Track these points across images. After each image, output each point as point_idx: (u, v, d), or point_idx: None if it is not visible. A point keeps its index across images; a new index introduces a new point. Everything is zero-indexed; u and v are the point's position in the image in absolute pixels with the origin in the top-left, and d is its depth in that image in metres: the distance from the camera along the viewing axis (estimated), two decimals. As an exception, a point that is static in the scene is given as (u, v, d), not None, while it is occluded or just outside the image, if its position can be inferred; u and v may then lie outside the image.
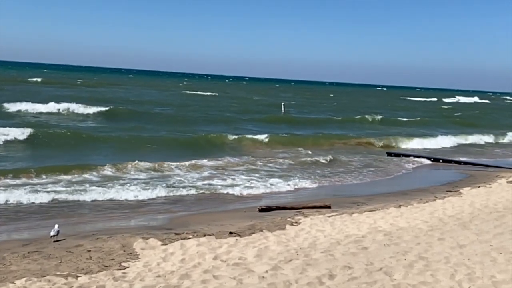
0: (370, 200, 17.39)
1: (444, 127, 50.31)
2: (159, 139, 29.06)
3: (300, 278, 8.42)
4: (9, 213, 13.90)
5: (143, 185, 17.46)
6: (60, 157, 21.87)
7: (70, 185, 16.90)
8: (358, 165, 25.74)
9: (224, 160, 23.49)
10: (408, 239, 11.31)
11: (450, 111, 79.98)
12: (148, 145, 26.94)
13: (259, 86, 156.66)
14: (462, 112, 78.41)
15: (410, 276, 8.57)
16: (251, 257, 9.90)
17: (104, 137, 28.17)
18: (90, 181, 17.78)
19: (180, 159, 22.20)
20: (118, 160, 21.18)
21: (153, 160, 21.48)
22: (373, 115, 53.99)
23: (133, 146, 26.25)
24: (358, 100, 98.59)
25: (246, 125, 40.41)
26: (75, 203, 15.26)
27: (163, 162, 21.23)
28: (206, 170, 21.19)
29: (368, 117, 52.70)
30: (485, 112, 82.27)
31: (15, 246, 11.07)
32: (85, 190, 16.34)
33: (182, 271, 9.10)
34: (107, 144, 26.43)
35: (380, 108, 74.20)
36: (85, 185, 17.09)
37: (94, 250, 10.70)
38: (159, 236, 11.83)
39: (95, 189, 16.50)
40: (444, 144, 37.45)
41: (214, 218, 14.29)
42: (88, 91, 68.72)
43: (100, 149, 24.96)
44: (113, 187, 16.93)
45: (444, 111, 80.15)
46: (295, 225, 13.14)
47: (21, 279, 8.62)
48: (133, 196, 16.30)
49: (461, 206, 15.68)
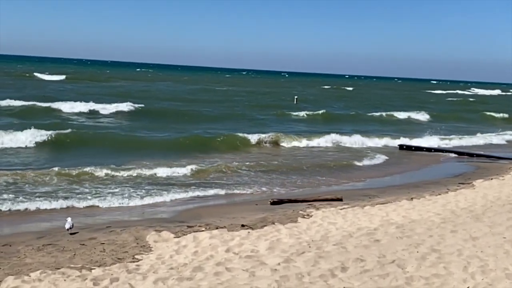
0: (382, 192, 17.34)
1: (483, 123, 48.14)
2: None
3: (312, 271, 8.44)
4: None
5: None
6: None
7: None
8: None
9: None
10: (421, 231, 11.28)
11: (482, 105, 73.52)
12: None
13: (284, 79, 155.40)
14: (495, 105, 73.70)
15: (423, 268, 8.56)
16: (263, 250, 9.93)
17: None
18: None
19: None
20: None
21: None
22: (423, 112, 52.28)
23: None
24: (387, 94, 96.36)
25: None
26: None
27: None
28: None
29: (416, 114, 51.25)
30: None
31: (29, 239, 11.18)
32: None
33: (195, 263, 9.15)
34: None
35: (405, 102, 72.89)
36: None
37: (108, 243, 10.78)
38: (171, 228, 11.90)
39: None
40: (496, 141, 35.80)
41: (226, 211, 14.34)
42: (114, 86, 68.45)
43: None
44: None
45: (472, 105, 76.71)
46: (307, 217, 13.15)
47: (36, 272, 8.71)
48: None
49: (474, 198, 15.61)
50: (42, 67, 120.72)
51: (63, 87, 61.70)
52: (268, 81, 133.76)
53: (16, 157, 20.91)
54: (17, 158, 20.71)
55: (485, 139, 36.08)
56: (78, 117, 35.44)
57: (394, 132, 36.43)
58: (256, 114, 44.05)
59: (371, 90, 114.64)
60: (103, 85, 70.56)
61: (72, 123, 31.05)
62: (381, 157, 25.79)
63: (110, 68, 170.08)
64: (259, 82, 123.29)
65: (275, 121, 40.44)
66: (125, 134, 28.68)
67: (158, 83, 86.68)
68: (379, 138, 32.12)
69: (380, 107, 58.55)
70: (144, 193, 16.13)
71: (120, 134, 28.61)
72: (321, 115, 45.49)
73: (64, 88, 59.75)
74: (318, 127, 36.80)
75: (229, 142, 27.50)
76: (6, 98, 38.26)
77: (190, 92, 66.75)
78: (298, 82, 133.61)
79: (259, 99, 62.51)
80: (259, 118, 41.70)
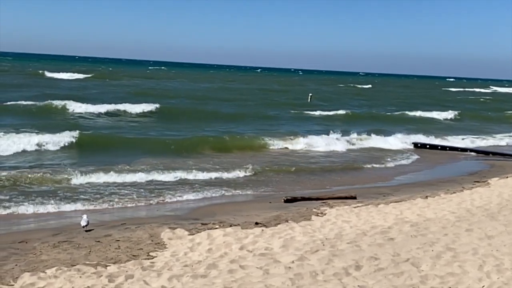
0: (396, 191, 17.27)
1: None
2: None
3: (326, 269, 8.43)
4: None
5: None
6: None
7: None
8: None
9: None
10: (435, 230, 11.21)
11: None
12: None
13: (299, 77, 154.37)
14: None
15: (438, 267, 8.51)
16: (277, 248, 9.94)
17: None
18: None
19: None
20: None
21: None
22: (449, 111, 51.12)
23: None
24: (405, 92, 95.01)
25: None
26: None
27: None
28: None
29: (440, 114, 50.13)
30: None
31: (45, 235, 11.29)
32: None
33: (209, 261, 9.18)
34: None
35: (424, 100, 71.90)
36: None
37: (123, 240, 10.86)
38: (186, 226, 11.95)
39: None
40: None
41: (240, 208, 14.36)
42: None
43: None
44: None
45: (492, 103, 74.80)
46: (321, 215, 13.13)
47: (52, 268, 8.80)
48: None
49: (489, 196, 15.49)
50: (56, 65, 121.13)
51: (79, 85, 62.19)
52: (282, 79, 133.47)
53: (40, 157, 21.06)
54: (41, 159, 20.80)
55: (503, 140, 35.19)
56: (99, 117, 35.33)
57: (415, 132, 35.68)
58: (271, 112, 43.99)
59: (387, 88, 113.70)
60: (121, 84, 70.78)
61: (95, 124, 31.30)
62: (400, 156, 25.69)
63: (124, 66, 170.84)
64: (273, 80, 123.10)
65: (291, 120, 40.27)
66: (141, 134, 28.86)
67: (174, 81, 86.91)
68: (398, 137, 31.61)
69: (401, 105, 57.97)
70: (158, 191, 16.25)
71: (138, 134, 28.81)
72: (339, 114, 44.78)
73: (80, 86, 60.20)
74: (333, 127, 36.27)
75: (247, 142, 27.19)
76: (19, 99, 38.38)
77: (208, 90, 66.85)
78: (313, 81, 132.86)
79: (274, 96, 62.48)
80: (273, 116, 41.66)
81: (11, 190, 15.21)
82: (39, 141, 22.64)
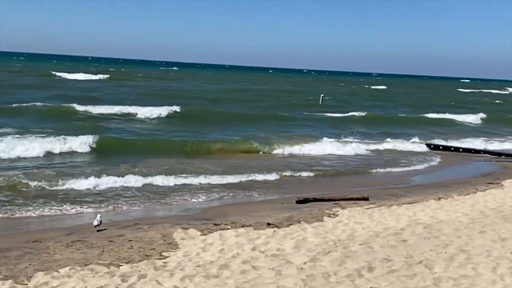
0: (409, 192, 17.19)
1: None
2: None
3: (339, 270, 8.40)
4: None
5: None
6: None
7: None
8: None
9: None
10: (449, 232, 11.14)
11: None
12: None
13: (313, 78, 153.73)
14: None
15: (451, 269, 8.46)
16: (289, 249, 9.92)
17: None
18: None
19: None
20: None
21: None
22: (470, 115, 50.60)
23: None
24: (421, 94, 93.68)
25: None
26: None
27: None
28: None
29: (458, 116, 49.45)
30: None
31: (58, 235, 11.37)
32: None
33: (221, 261, 9.19)
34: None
35: (440, 101, 71.17)
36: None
37: (135, 240, 10.90)
38: (198, 226, 11.97)
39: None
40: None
41: (252, 209, 14.37)
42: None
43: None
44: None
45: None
46: (333, 217, 13.10)
47: (65, 268, 8.85)
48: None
49: (503, 198, 15.37)
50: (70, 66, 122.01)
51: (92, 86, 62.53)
52: (295, 79, 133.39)
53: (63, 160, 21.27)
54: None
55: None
56: (116, 120, 35.23)
57: (430, 133, 35.43)
58: (285, 113, 43.95)
59: (402, 89, 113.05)
60: (135, 85, 71.30)
61: (115, 127, 31.42)
62: (414, 157, 25.60)
63: (136, 66, 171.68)
64: (286, 80, 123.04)
65: (305, 121, 40.16)
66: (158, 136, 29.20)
67: (186, 82, 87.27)
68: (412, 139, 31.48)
69: (416, 106, 57.54)
70: (170, 192, 16.36)
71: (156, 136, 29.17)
72: (355, 116, 44.34)
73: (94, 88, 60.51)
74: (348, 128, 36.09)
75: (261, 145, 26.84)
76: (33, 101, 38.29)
77: (220, 91, 67.12)
78: (326, 82, 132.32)
79: (287, 97, 62.51)
80: (288, 116, 41.65)
81: (27, 191, 15.37)
82: (61, 144, 22.95)
